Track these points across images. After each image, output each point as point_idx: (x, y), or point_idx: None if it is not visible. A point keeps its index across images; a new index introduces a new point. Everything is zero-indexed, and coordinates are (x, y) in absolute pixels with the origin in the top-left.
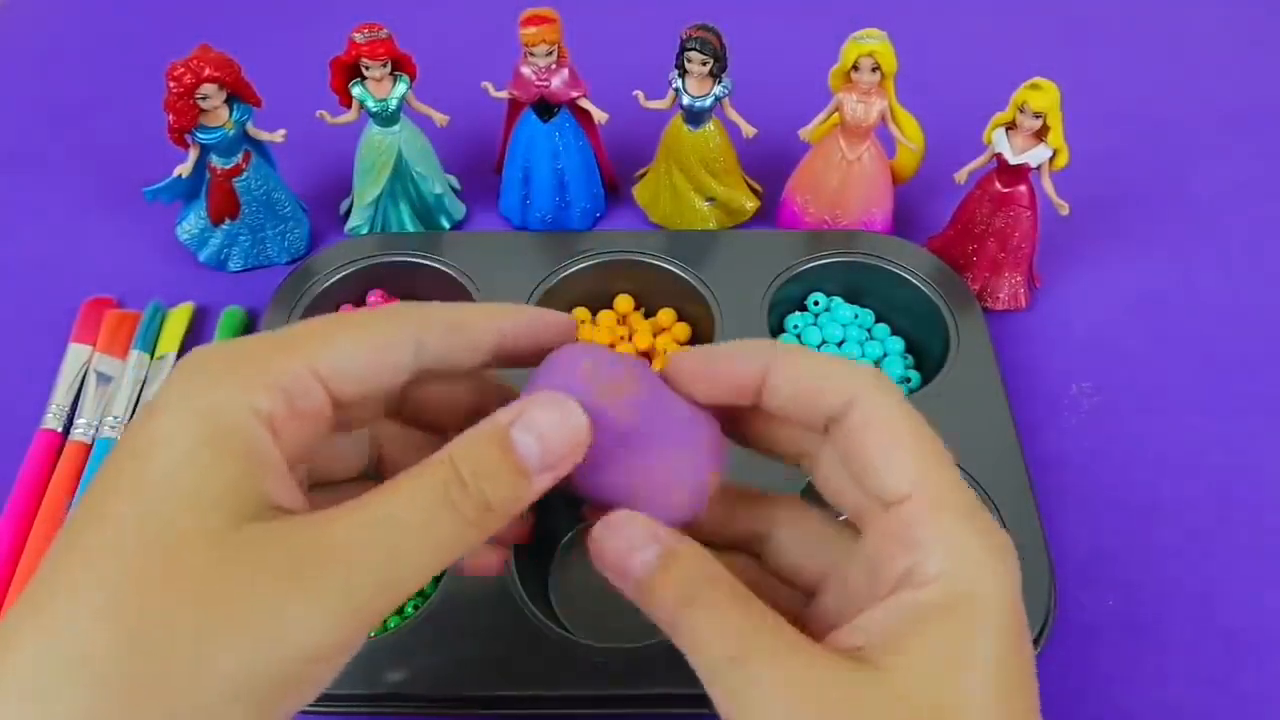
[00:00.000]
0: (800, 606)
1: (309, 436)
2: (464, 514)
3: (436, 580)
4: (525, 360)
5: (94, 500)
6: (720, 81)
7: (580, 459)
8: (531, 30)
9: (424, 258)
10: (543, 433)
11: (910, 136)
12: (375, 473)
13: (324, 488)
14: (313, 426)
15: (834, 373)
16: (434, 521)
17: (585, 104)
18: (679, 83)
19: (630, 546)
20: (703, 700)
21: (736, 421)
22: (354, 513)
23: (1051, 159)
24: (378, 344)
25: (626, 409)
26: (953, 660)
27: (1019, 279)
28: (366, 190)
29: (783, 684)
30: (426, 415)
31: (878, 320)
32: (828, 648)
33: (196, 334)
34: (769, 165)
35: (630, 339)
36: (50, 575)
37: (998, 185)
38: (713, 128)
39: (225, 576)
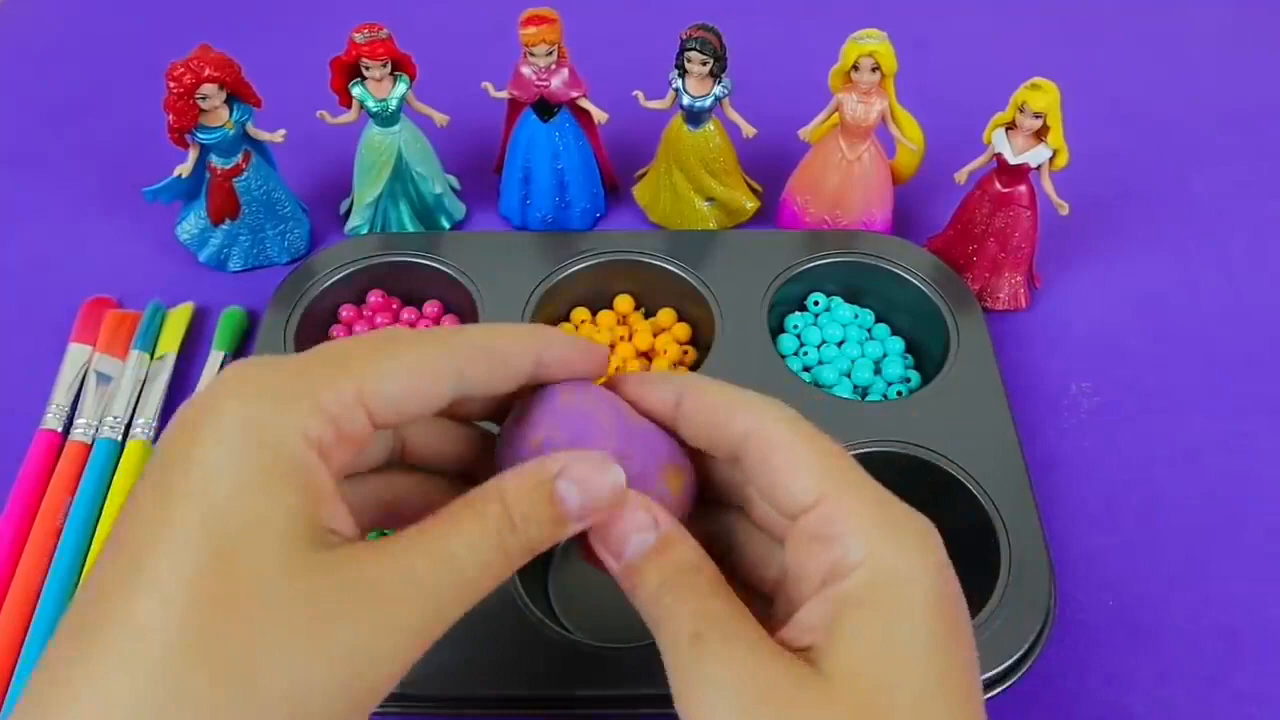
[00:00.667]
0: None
1: (351, 458)
2: (510, 554)
3: None
4: (552, 380)
5: (151, 512)
6: (720, 81)
7: (614, 510)
8: (531, 30)
9: (424, 258)
10: (586, 488)
11: (910, 136)
12: (400, 460)
13: (350, 479)
14: (356, 449)
15: (735, 404)
16: (491, 561)
17: (585, 104)
18: (679, 83)
19: (634, 527)
20: None
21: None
22: (418, 544)
23: (1051, 159)
24: (423, 373)
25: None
26: (885, 642)
27: (1019, 279)
28: (366, 190)
29: (730, 665)
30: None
31: (878, 320)
32: (782, 645)
33: (196, 334)
34: (769, 165)
35: (630, 339)
36: (112, 588)
37: (998, 185)
38: (713, 128)
39: (298, 601)
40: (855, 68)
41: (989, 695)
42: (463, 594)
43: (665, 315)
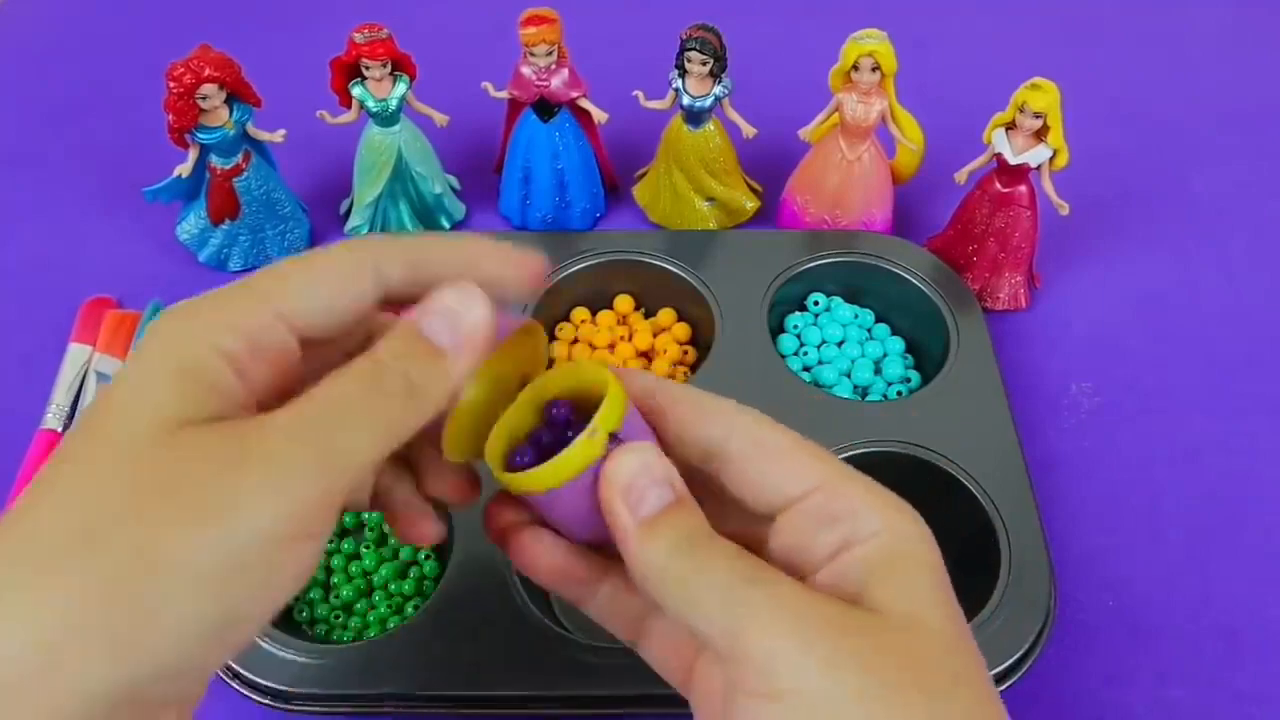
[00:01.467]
0: None
1: (278, 374)
2: (391, 391)
3: (437, 581)
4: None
5: (76, 425)
6: (720, 81)
7: (490, 339)
8: (531, 30)
9: None
10: (450, 316)
11: (910, 136)
12: None
13: None
14: (281, 364)
15: (714, 407)
16: (364, 398)
17: (585, 104)
18: (679, 83)
19: (651, 480)
20: None
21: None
22: (291, 405)
23: (1051, 159)
24: (331, 276)
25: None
26: (912, 588)
27: (1019, 279)
28: (366, 190)
29: (787, 602)
30: None
31: (878, 320)
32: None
33: None
34: (769, 165)
35: (630, 339)
36: (33, 487)
37: (998, 185)
38: (713, 128)
39: (171, 469)
40: (855, 68)
41: None
42: (346, 435)
43: (665, 315)
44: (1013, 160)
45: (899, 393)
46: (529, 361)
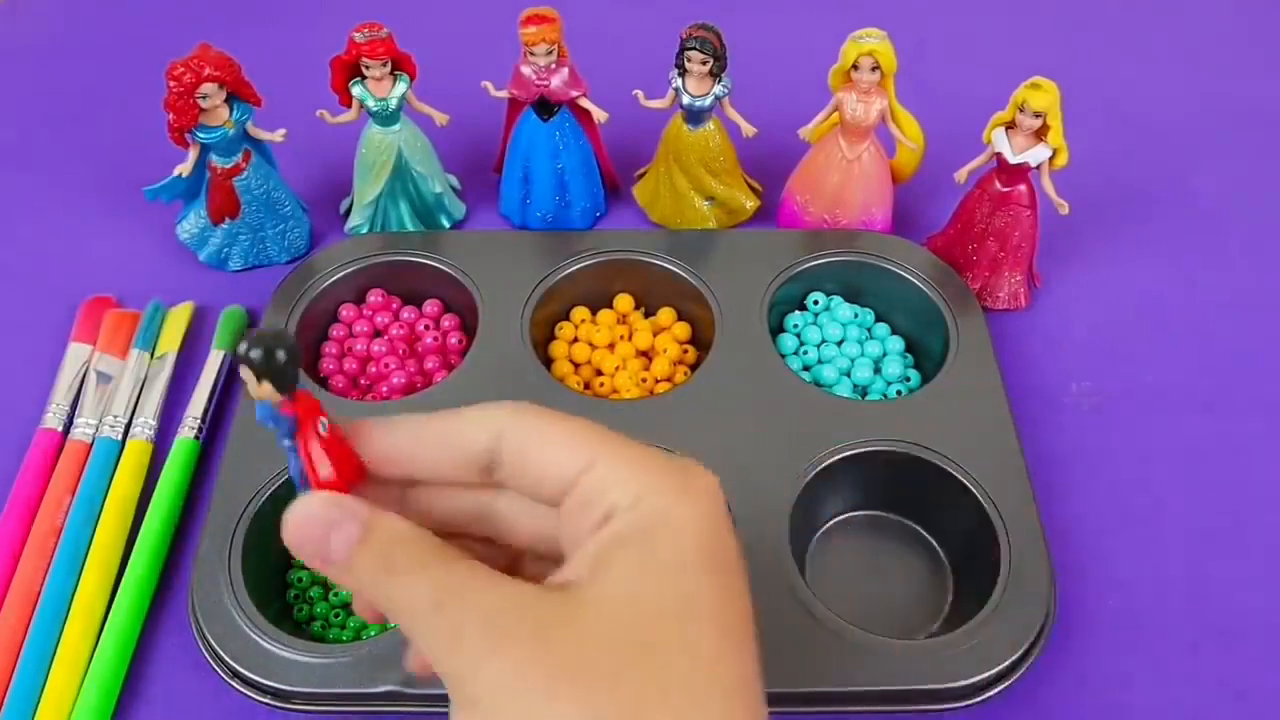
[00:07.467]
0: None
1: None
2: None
3: None
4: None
5: None
6: (720, 81)
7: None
8: (531, 30)
9: (424, 257)
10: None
11: (910, 136)
12: None
13: None
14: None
15: (471, 417)
16: None
17: (585, 103)
18: (679, 82)
19: (328, 526)
20: None
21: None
22: None
23: (1051, 158)
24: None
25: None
26: (641, 565)
27: (1019, 278)
28: (367, 189)
29: (477, 608)
30: None
31: (878, 320)
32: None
33: (196, 333)
34: (769, 165)
35: (630, 339)
36: None
37: (997, 185)
38: (713, 127)
39: None
40: (855, 67)
41: (989, 695)
42: None
43: (665, 315)
44: (1013, 159)
45: (899, 392)
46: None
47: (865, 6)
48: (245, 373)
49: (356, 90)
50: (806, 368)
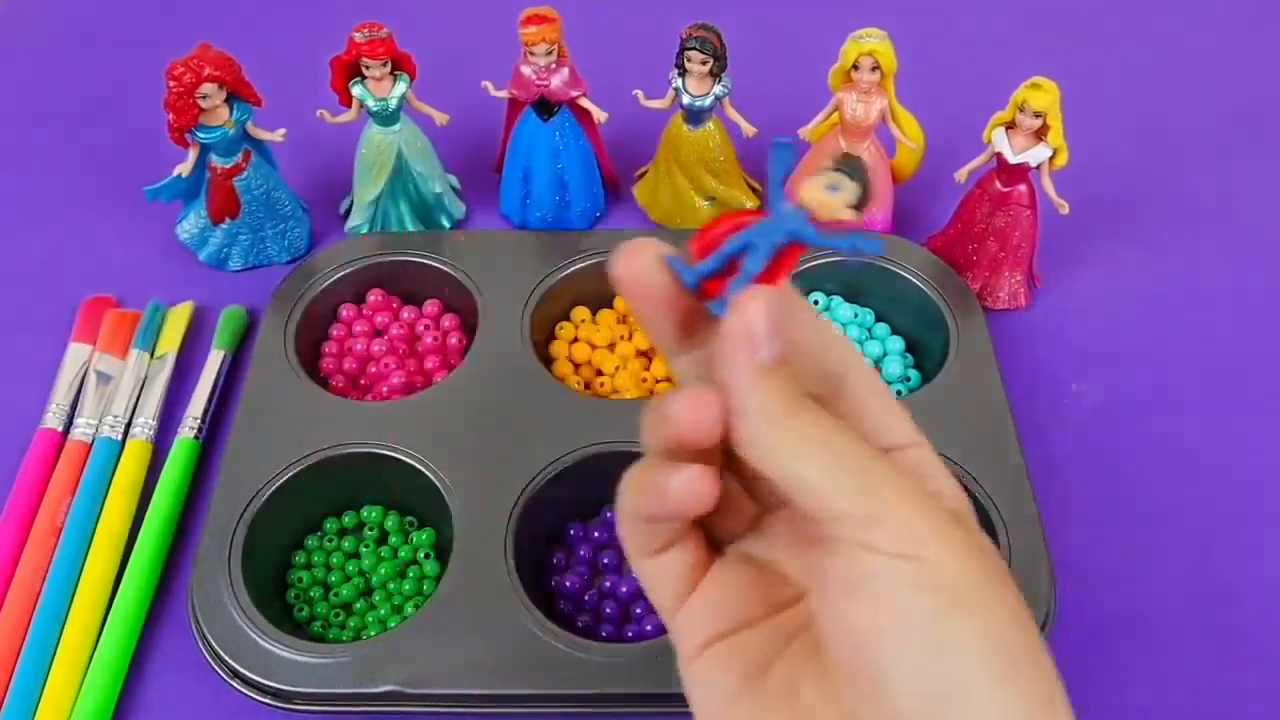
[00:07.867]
0: None
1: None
2: None
3: (437, 580)
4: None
5: None
6: (720, 81)
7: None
8: (531, 30)
9: (424, 257)
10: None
11: (910, 136)
12: None
13: None
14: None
15: (834, 342)
16: None
17: (585, 103)
18: (679, 82)
19: (772, 331)
20: None
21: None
22: None
23: (1051, 158)
24: None
25: None
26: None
27: (1019, 278)
28: (366, 189)
29: (917, 488)
30: None
31: (878, 320)
32: None
33: (196, 333)
34: (769, 165)
35: (630, 338)
36: None
37: (998, 184)
38: (712, 127)
39: None
40: (855, 67)
41: None
42: None
43: None
44: (1013, 159)
45: (899, 392)
46: None
47: (865, 6)
48: (833, 178)
49: (356, 90)
50: None
